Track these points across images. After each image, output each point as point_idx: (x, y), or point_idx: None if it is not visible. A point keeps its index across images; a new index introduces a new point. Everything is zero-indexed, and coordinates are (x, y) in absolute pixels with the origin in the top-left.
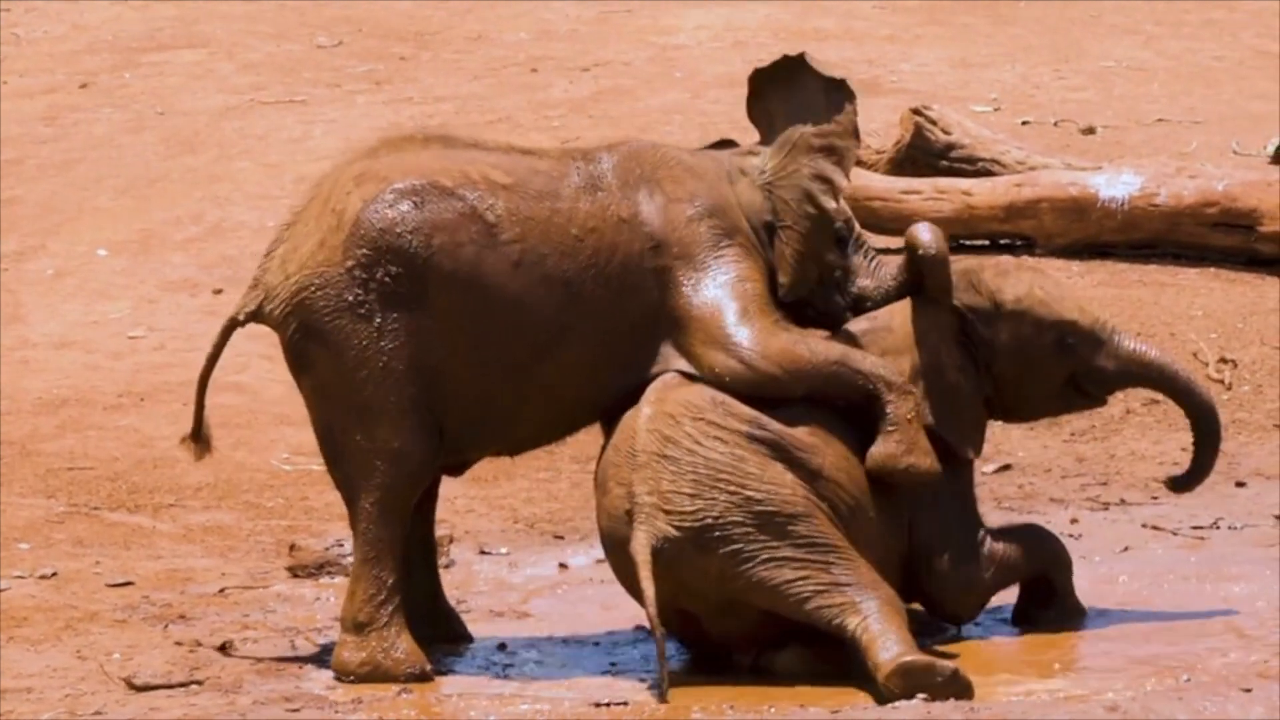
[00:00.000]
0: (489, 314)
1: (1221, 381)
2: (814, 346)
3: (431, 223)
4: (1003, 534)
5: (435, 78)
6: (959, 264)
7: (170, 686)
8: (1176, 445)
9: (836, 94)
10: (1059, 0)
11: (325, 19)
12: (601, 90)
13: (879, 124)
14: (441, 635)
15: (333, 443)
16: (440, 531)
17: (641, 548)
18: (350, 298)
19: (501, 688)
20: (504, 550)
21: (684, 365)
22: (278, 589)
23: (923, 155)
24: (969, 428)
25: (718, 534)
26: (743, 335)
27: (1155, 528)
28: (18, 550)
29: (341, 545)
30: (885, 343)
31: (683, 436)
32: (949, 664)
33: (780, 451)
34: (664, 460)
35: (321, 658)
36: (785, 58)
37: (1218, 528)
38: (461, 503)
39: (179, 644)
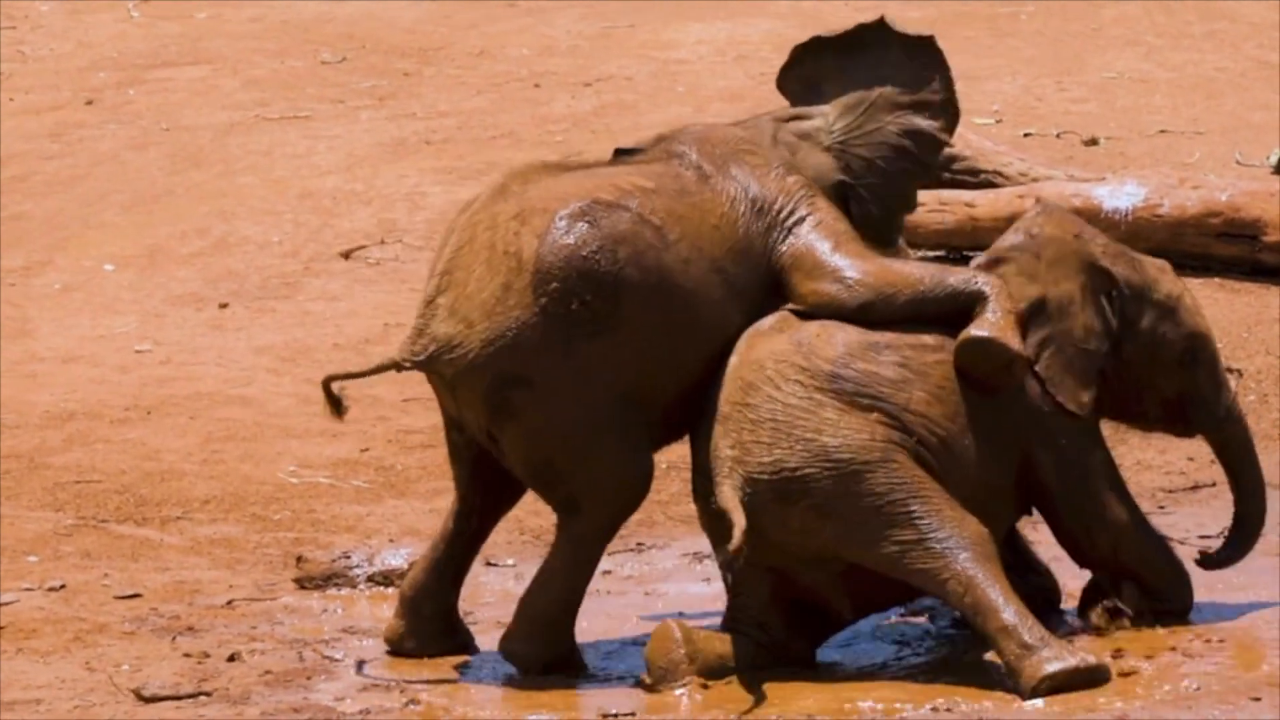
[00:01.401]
0: (674, 315)
1: None
2: (908, 264)
3: (612, 237)
4: (1156, 535)
5: (438, 93)
6: (1117, 245)
7: (178, 698)
8: (1182, 455)
9: (922, 54)
10: (1060, 12)
11: (329, 35)
12: (604, 105)
13: None
14: (448, 648)
15: (553, 475)
16: None
17: (729, 496)
18: (552, 336)
19: (508, 699)
20: (510, 562)
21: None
22: (285, 601)
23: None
24: (1077, 380)
25: (796, 486)
26: (838, 261)
27: None
28: (26, 563)
29: (348, 557)
30: (1025, 264)
31: (764, 382)
32: (1089, 660)
33: (861, 393)
34: (745, 409)
35: (329, 669)
36: (860, 25)
37: (1224, 537)
38: None
39: (187, 655)
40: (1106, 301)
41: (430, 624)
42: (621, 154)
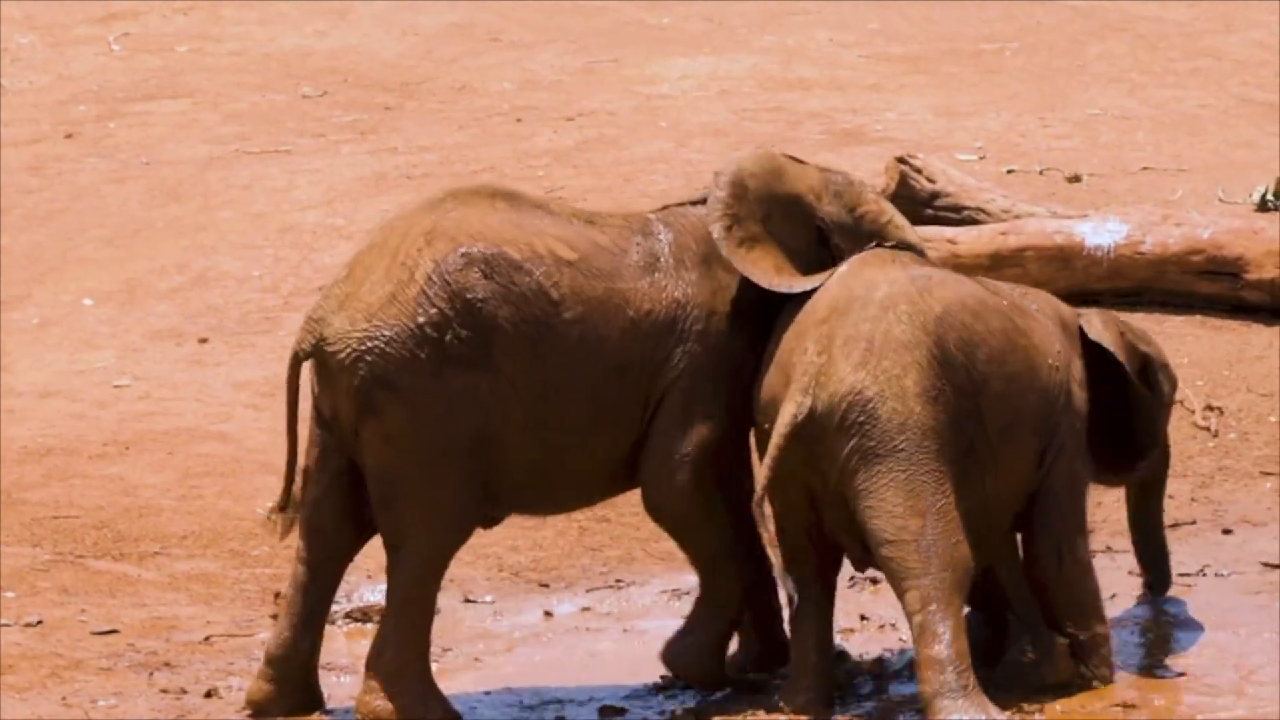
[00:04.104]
0: (547, 390)
1: (1208, 429)
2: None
3: (500, 295)
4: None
5: (420, 127)
6: (1098, 312)
7: None
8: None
9: None
10: (1044, 49)
11: (310, 69)
12: (586, 140)
13: (864, 173)
14: (309, 705)
15: (389, 488)
16: None
17: (786, 419)
18: (422, 354)
19: None
20: (489, 598)
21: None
22: (263, 637)
23: (908, 204)
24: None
25: (858, 418)
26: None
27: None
28: (3, 598)
29: None
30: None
31: (872, 302)
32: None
33: (959, 346)
34: (845, 320)
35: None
36: None
37: (1204, 575)
38: None
39: (164, 691)
40: (1146, 380)
41: (292, 678)
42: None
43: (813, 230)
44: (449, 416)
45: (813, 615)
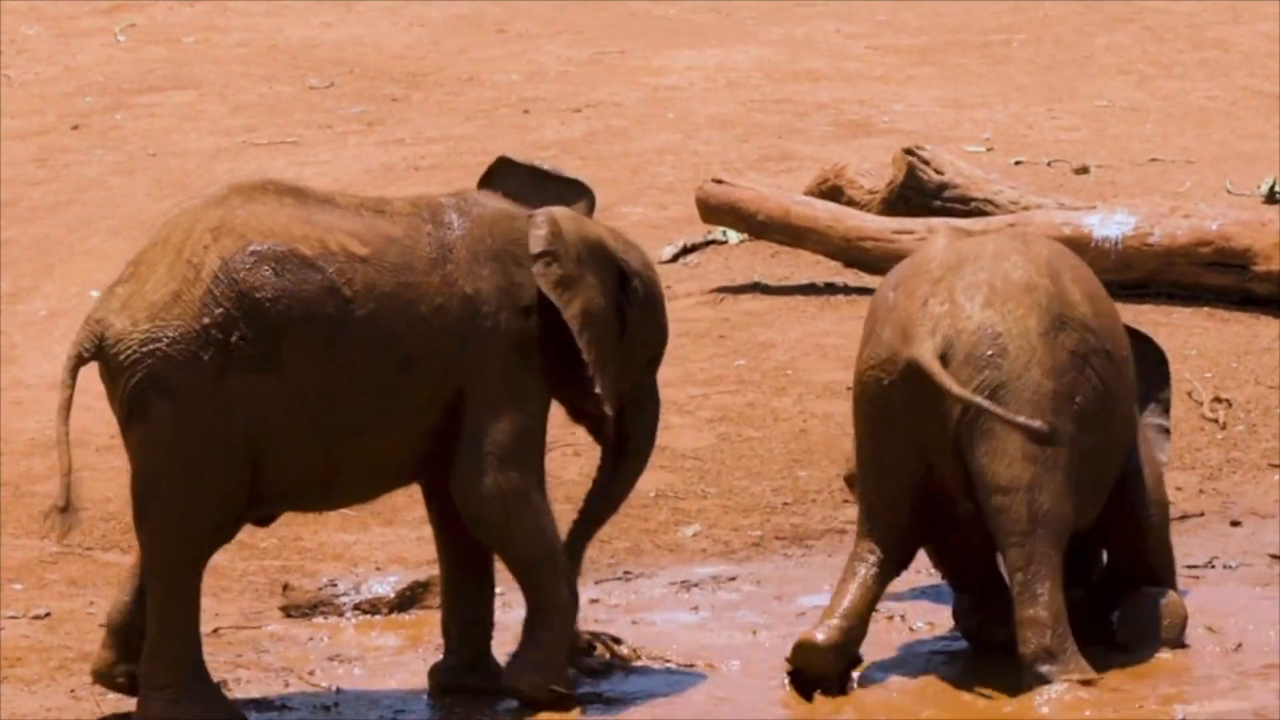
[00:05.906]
0: (335, 388)
1: (1216, 421)
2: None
3: (290, 293)
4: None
5: (427, 119)
6: None
7: None
8: (1170, 485)
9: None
10: (1052, 40)
11: (317, 60)
12: (594, 131)
13: (871, 164)
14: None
15: (149, 496)
16: (435, 572)
17: (929, 357)
18: (205, 356)
19: None
20: (498, 590)
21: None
22: (271, 629)
23: (916, 195)
24: None
25: (990, 350)
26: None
27: None
28: (11, 590)
29: (335, 585)
30: None
31: (986, 255)
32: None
33: (1068, 289)
34: (958, 274)
35: (315, 698)
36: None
37: (1213, 567)
38: None
39: None
40: None
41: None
42: (503, 163)
43: (616, 273)
44: (219, 420)
45: (871, 573)
